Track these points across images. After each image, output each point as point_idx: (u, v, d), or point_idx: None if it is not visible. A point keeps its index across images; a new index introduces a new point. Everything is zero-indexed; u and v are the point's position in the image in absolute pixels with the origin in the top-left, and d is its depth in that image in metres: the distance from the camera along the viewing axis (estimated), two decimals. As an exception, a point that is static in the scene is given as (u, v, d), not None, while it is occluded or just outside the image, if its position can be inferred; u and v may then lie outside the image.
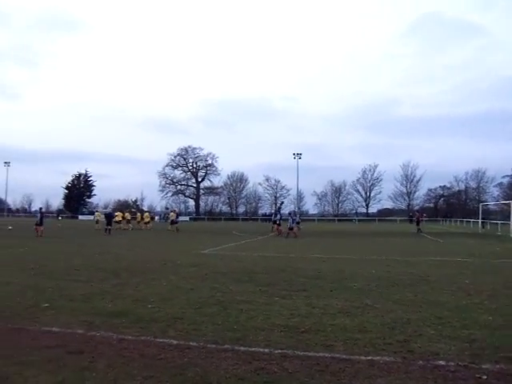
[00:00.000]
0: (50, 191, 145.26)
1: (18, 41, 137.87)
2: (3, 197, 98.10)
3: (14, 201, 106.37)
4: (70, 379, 4.09)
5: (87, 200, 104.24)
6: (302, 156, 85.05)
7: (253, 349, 5.09)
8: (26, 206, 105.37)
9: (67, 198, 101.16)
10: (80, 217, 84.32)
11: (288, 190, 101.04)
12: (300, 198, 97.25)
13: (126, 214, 41.50)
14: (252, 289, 8.99)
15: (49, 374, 4.20)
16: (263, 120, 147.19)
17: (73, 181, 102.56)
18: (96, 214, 44.03)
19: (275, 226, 31.64)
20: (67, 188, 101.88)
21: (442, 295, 8.58)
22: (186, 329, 5.89)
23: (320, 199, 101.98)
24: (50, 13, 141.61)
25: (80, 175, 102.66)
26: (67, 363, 4.51)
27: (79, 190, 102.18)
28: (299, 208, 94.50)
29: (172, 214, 40.09)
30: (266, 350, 5.04)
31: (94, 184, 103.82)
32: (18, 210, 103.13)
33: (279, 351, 5.01)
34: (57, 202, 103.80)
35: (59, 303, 7.42)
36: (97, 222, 40.41)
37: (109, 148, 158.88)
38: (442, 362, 4.73)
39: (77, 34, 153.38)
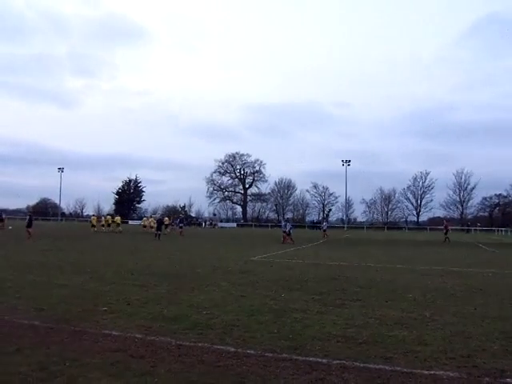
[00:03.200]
0: (101, 196, 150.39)
1: (74, 50, 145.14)
2: (57, 201, 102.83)
3: (67, 205, 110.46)
4: (134, 383, 4.18)
5: (137, 205, 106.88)
6: (350, 163, 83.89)
7: (311, 358, 5.02)
8: (79, 211, 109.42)
9: (118, 203, 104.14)
10: (130, 222, 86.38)
11: (336, 198, 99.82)
12: (348, 205, 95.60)
13: (151, 220, 43.73)
14: (305, 297, 8.90)
15: (112, 378, 4.31)
16: (312, 126, 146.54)
17: (123, 186, 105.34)
18: (143, 219, 45.77)
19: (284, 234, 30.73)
20: (118, 193, 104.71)
21: (504, 309, 8.17)
22: (242, 336, 5.90)
23: (369, 207, 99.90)
24: (106, 22, 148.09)
25: (130, 181, 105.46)
26: (129, 367, 4.61)
27: (129, 196, 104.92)
28: (347, 216, 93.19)
29: (166, 218, 43.62)
30: (324, 361, 4.95)
31: (143, 190, 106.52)
32: (71, 214, 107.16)
33: (338, 362, 4.92)
34: (108, 206, 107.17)
35: (117, 307, 7.63)
36: (144, 226, 43.11)
37: (158, 154, 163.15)
38: (510, 380, 4.48)
39: (130, 42, 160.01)
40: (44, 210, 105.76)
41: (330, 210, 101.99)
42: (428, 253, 23.89)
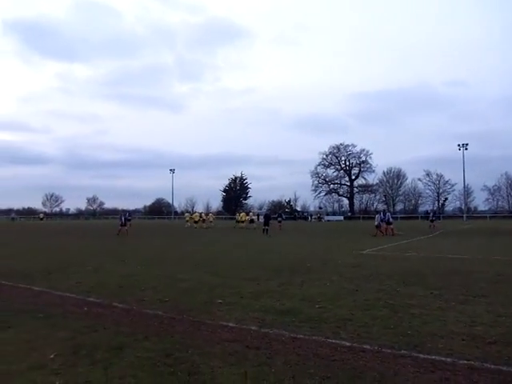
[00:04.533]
0: (210, 194, 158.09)
1: (180, 57, 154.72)
2: (170, 201, 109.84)
3: (179, 204, 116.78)
4: (252, 372, 4.28)
5: (243, 202, 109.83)
6: (468, 146, 77.47)
7: (433, 357, 4.70)
8: (190, 209, 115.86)
9: (225, 200, 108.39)
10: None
11: (452, 185, 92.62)
12: (467, 193, 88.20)
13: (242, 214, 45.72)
14: (422, 292, 8.40)
15: (232, 367, 4.47)
16: (423, 110, 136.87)
17: (230, 184, 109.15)
18: (250, 213, 47.79)
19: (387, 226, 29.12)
20: (225, 191, 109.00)
21: None
22: (356, 331, 5.74)
23: (492, 194, 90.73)
24: (208, 26, 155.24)
25: (236, 178, 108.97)
26: (247, 357, 4.74)
27: (236, 193, 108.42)
28: (466, 205, 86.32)
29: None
30: (449, 360, 4.61)
31: (249, 186, 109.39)
32: (182, 213, 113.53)
33: (464, 362, 4.54)
34: (216, 204, 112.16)
35: (231, 300, 7.89)
36: (237, 221, 45.50)
37: (263, 150, 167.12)
38: None
39: (232, 42, 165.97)
40: (159, 210, 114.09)
41: (446, 198, 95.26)
42: None
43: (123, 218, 31.69)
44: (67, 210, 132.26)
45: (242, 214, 46.15)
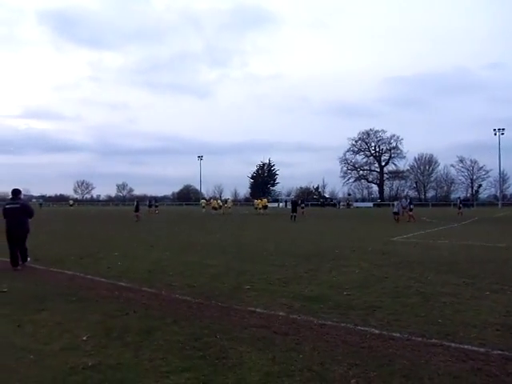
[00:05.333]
0: (237, 180, 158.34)
1: (209, 43, 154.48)
2: (198, 187, 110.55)
3: (207, 191, 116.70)
4: (280, 358, 4.28)
5: (271, 188, 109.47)
6: (505, 132, 74.76)
7: (465, 346, 4.59)
8: (218, 195, 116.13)
9: (253, 186, 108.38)
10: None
11: (487, 172, 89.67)
12: (503, 179, 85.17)
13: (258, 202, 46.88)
14: (455, 280, 8.20)
15: (260, 352, 4.48)
16: (459, 94, 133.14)
17: (257, 170, 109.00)
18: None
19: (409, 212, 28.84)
20: (252, 177, 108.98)
21: None
22: (386, 318, 5.66)
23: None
24: (236, 11, 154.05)
25: (264, 164, 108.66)
26: (275, 343, 4.74)
27: (263, 179, 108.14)
28: (502, 191, 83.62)
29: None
30: (482, 350, 4.49)
31: (277, 173, 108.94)
32: (210, 199, 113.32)
33: (498, 352, 4.42)
34: (244, 190, 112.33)
35: (259, 286, 7.90)
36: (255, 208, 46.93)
37: (291, 137, 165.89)
38: None
39: (259, 27, 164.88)
40: (187, 196, 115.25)
41: (480, 185, 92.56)
42: None
43: (135, 205, 33.77)
44: (98, 196, 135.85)
45: (258, 201, 47.32)
